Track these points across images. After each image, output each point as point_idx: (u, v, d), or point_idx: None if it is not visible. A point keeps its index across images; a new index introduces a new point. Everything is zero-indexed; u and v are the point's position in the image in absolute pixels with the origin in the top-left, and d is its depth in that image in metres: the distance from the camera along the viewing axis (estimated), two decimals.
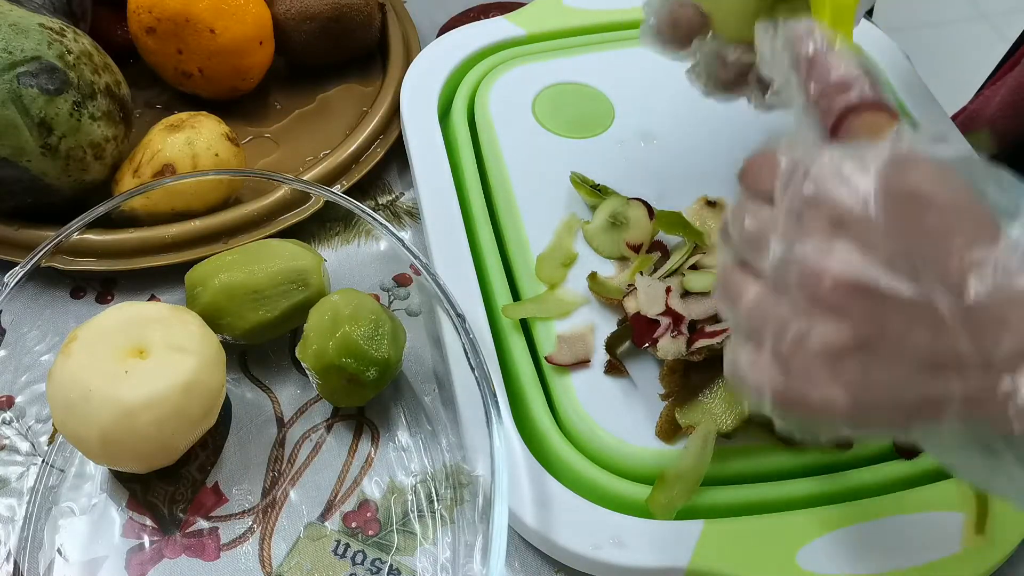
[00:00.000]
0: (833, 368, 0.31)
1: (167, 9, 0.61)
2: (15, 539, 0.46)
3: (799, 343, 0.31)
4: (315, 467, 0.50)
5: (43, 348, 0.54)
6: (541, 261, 0.53)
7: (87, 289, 0.57)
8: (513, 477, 0.45)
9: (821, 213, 0.31)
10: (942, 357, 0.30)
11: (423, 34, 0.72)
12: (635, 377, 0.49)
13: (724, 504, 0.45)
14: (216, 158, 0.57)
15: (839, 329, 0.31)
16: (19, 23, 0.53)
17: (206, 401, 0.47)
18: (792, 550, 0.43)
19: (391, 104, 0.65)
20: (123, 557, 0.46)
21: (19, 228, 0.56)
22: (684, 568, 0.43)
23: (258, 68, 0.65)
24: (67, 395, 0.44)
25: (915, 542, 0.43)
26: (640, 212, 0.54)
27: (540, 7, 0.68)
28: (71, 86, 0.53)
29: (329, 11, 0.66)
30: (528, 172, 0.58)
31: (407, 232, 0.61)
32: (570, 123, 0.61)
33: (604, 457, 0.46)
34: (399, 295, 0.57)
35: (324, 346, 0.48)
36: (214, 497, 0.48)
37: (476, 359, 0.46)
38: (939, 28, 1.91)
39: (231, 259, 0.51)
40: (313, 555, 0.46)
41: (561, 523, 0.44)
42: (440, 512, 0.48)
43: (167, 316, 0.47)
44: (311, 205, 0.59)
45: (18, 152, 0.53)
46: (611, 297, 0.51)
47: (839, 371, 0.31)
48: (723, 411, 0.45)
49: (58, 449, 0.50)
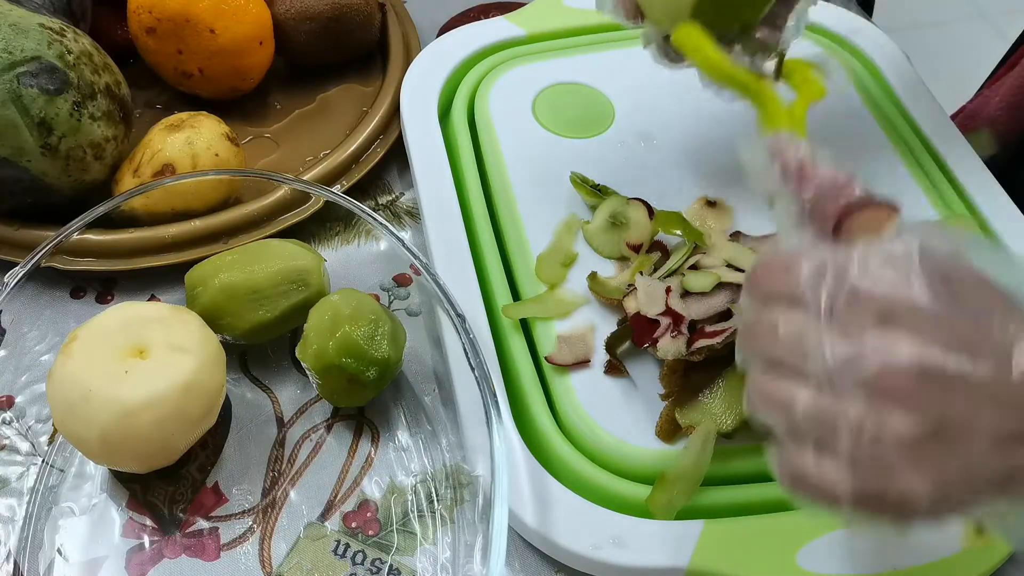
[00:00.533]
0: (912, 458, 0.31)
1: (167, 9, 0.61)
2: (15, 539, 0.46)
3: (873, 440, 0.31)
4: (315, 467, 0.50)
5: (43, 348, 0.54)
6: (541, 261, 0.53)
7: (87, 289, 0.57)
8: (513, 477, 0.45)
9: (867, 309, 0.32)
10: (1014, 431, 0.31)
11: (423, 34, 0.72)
12: (635, 377, 0.49)
13: (724, 504, 0.45)
14: (216, 158, 0.57)
15: (912, 419, 0.31)
16: (19, 23, 0.53)
17: (206, 401, 0.47)
18: (792, 550, 0.43)
19: (391, 104, 0.65)
20: (123, 557, 0.46)
21: (19, 228, 0.56)
22: (684, 568, 0.43)
23: (258, 68, 0.65)
24: (67, 395, 0.44)
25: (915, 542, 0.43)
26: (640, 212, 0.54)
27: (540, 7, 0.68)
28: (71, 86, 0.53)
29: (329, 11, 0.66)
30: (528, 172, 0.58)
31: (407, 232, 0.61)
32: (570, 123, 0.61)
33: (604, 457, 0.46)
34: (399, 295, 0.57)
35: (324, 346, 0.48)
36: (214, 497, 0.48)
37: (476, 359, 0.46)
38: (939, 28, 1.91)
39: (231, 259, 0.51)
40: (313, 555, 0.46)
41: (561, 523, 0.44)
42: (440, 512, 0.48)
43: (167, 316, 0.47)
44: (311, 205, 0.59)
45: (18, 152, 0.53)
46: (611, 297, 0.51)
47: (915, 462, 0.31)
48: (723, 411, 0.45)
49: (58, 449, 0.50)
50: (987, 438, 0.31)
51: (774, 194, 0.38)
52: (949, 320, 0.31)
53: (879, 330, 0.32)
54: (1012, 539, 0.35)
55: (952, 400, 0.31)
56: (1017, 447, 0.31)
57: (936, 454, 0.31)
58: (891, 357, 0.31)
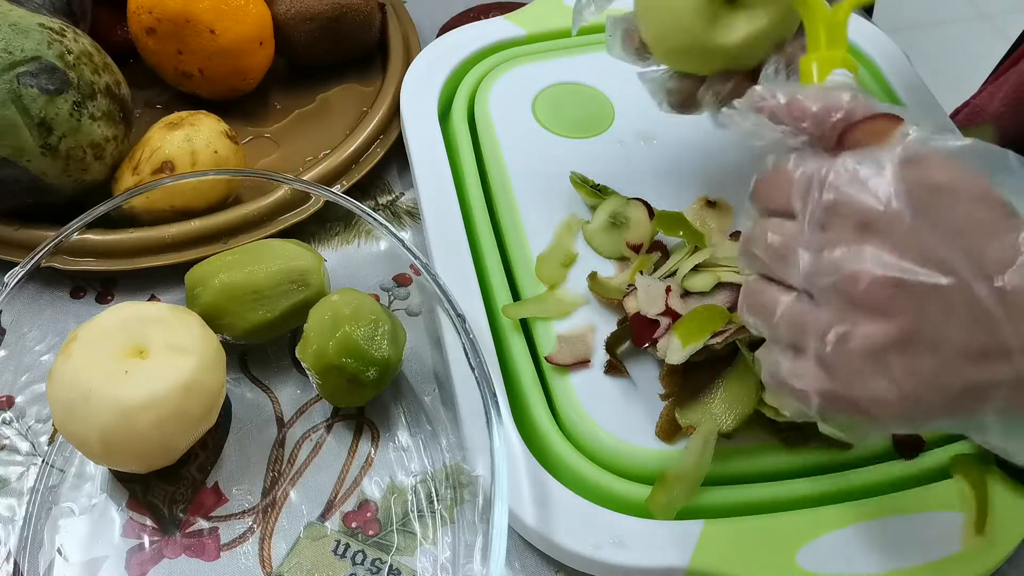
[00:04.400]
0: (879, 364, 0.32)
1: (167, 10, 0.61)
2: (15, 539, 0.46)
3: (843, 344, 0.32)
4: (315, 467, 0.50)
5: (43, 348, 0.54)
6: (541, 261, 0.53)
7: (87, 289, 0.57)
8: (513, 477, 0.45)
9: (845, 218, 0.32)
10: (985, 345, 0.31)
11: (423, 34, 0.72)
12: (635, 377, 0.49)
13: (724, 504, 0.45)
14: (215, 155, 0.57)
15: (881, 326, 0.31)
16: (19, 23, 0.53)
17: (206, 401, 0.47)
18: (792, 550, 0.43)
19: (391, 104, 0.65)
20: (123, 557, 0.46)
21: (19, 228, 0.56)
22: (684, 568, 0.43)
23: (258, 68, 0.65)
24: (67, 395, 0.44)
25: (915, 542, 0.43)
26: (640, 212, 0.54)
27: (540, 7, 0.68)
28: (71, 86, 0.53)
29: (329, 11, 0.66)
30: (528, 172, 0.58)
31: (407, 232, 0.61)
32: (570, 123, 0.61)
33: (604, 457, 0.46)
34: (399, 295, 0.57)
35: (324, 346, 0.48)
36: (214, 497, 0.48)
37: (476, 359, 0.46)
38: (939, 28, 1.91)
39: (231, 259, 0.51)
40: (313, 555, 0.46)
41: (561, 523, 0.44)
42: (440, 512, 0.48)
43: (167, 316, 0.47)
44: (311, 205, 0.59)
45: (18, 152, 0.53)
46: (611, 297, 0.51)
47: (885, 366, 0.32)
48: (723, 411, 0.45)
49: (58, 449, 0.50)
50: (957, 350, 0.31)
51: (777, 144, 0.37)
52: (927, 230, 0.31)
53: (854, 239, 0.32)
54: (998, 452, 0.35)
55: (923, 310, 0.31)
56: (988, 362, 0.31)
57: (904, 362, 0.31)
58: (861, 266, 0.32)
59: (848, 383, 0.32)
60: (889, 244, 0.32)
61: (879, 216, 0.32)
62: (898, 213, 0.32)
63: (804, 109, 0.35)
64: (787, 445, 0.46)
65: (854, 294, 0.32)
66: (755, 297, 0.36)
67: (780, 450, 0.46)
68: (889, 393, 0.32)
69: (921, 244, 0.31)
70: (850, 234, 0.32)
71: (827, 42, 0.46)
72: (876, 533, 0.44)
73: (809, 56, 0.45)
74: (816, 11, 0.45)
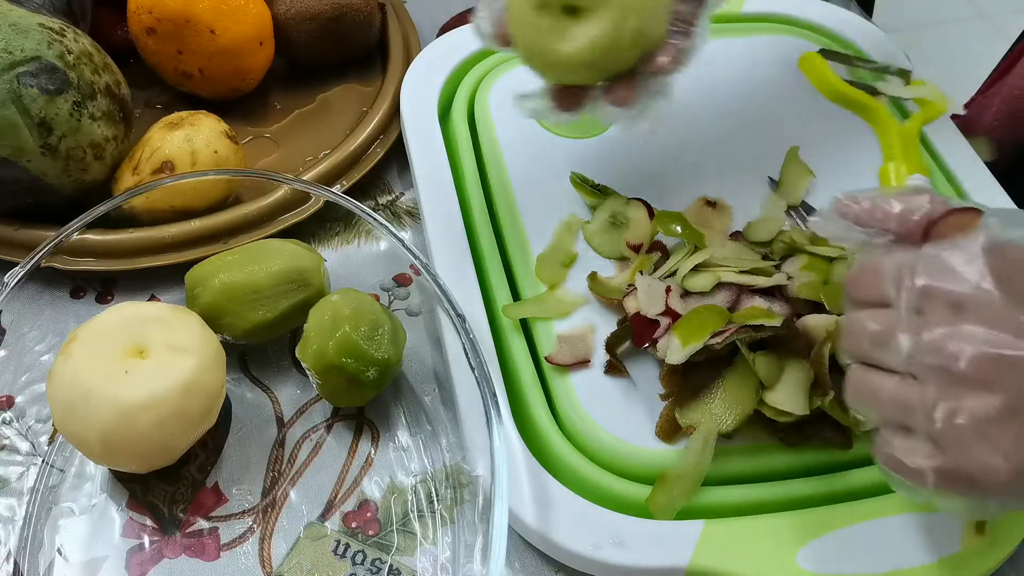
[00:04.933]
0: (987, 437, 0.34)
1: (167, 10, 0.61)
2: (15, 539, 0.46)
3: (951, 418, 0.34)
4: (315, 467, 0.50)
5: (43, 348, 0.54)
6: (541, 261, 0.53)
7: (87, 289, 0.57)
8: (513, 477, 0.45)
9: (940, 301, 0.35)
10: None
11: (423, 34, 0.72)
12: (635, 377, 0.49)
13: (724, 504, 0.45)
14: (215, 155, 0.57)
15: (985, 399, 0.34)
16: (19, 23, 0.53)
17: (206, 401, 0.47)
18: (792, 550, 0.43)
19: (391, 104, 0.65)
20: (123, 557, 0.46)
21: (19, 228, 0.56)
22: (684, 568, 0.43)
23: (258, 68, 0.65)
24: (67, 395, 0.44)
25: (915, 542, 0.43)
26: (640, 212, 0.54)
27: None
28: (71, 86, 0.53)
29: (329, 11, 0.66)
30: (528, 172, 0.58)
31: (407, 232, 0.61)
32: (570, 123, 0.61)
33: (604, 457, 0.46)
34: (399, 295, 0.57)
35: (324, 346, 0.48)
36: (214, 497, 0.48)
37: (476, 359, 0.46)
38: (939, 28, 1.91)
39: (231, 259, 0.51)
40: (313, 555, 0.46)
41: (561, 523, 0.44)
42: (440, 512, 0.48)
43: (167, 316, 0.47)
44: (311, 205, 0.59)
45: (18, 152, 0.53)
46: (611, 297, 0.51)
47: (994, 439, 0.33)
48: (723, 411, 0.45)
49: (58, 449, 0.50)
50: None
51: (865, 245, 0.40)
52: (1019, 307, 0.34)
53: (951, 319, 0.34)
54: None
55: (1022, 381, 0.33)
56: None
57: (1012, 433, 0.33)
58: (960, 342, 0.34)
59: (959, 457, 0.34)
60: (984, 322, 0.34)
61: (971, 296, 0.34)
62: (989, 293, 0.34)
63: (887, 211, 0.38)
64: (787, 445, 0.46)
65: (956, 371, 0.34)
66: (861, 383, 0.38)
67: (780, 450, 0.46)
68: (1000, 464, 0.33)
69: (1014, 320, 0.34)
70: (946, 315, 0.35)
71: (903, 153, 0.57)
72: (876, 533, 0.44)
73: (886, 164, 0.57)
74: (890, 128, 0.58)
